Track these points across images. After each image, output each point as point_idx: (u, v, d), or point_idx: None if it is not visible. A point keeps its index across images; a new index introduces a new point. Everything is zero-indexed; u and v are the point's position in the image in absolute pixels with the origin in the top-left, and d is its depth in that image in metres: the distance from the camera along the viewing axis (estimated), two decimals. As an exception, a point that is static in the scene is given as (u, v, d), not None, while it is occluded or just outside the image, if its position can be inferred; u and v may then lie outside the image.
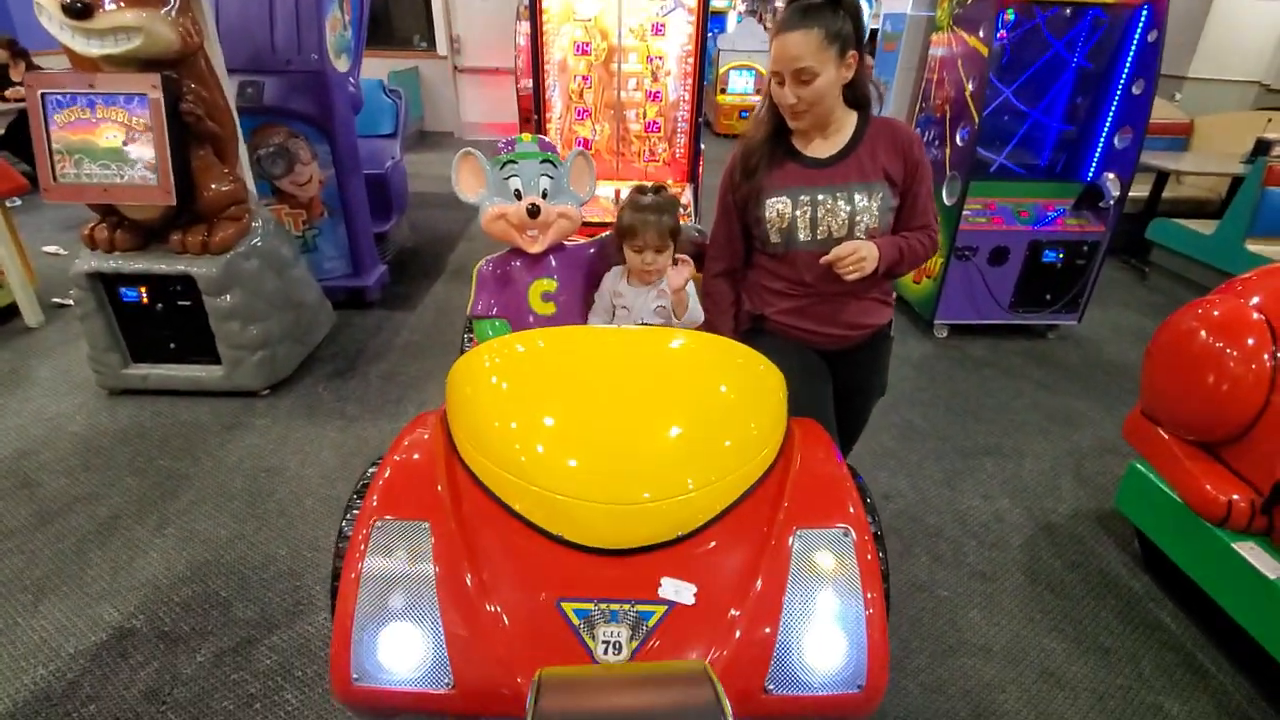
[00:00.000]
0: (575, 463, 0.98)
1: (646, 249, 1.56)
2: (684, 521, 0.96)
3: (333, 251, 3.58)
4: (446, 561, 0.92)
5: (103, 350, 2.72)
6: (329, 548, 2.08)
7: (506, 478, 0.99)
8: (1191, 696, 1.71)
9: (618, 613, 0.89)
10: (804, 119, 1.43)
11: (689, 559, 0.94)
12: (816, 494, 1.04)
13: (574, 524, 0.94)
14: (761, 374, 1.23)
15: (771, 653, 0.88)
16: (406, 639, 0.88)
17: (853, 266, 1.40)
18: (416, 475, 1.05)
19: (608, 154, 3.45)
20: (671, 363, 1.24)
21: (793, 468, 1.08)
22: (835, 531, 0.96)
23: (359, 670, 0.87)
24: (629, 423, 1.04)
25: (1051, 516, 2.33)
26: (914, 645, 1.83)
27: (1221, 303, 1.85)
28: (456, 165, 1.60)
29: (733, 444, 1.05)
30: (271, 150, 3.23)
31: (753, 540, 0.97)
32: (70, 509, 2.22)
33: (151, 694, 1.64)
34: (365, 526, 0.95)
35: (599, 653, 0.86)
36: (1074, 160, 3.45)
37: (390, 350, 3.30)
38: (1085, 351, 3.51)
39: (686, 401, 1.11)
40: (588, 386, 1.13)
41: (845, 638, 0.89)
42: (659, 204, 1.58)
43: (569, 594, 0.90)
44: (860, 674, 0.88)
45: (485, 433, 1.07)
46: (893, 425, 2.79)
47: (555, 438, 1.03)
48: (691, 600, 0.90)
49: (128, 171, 2.42)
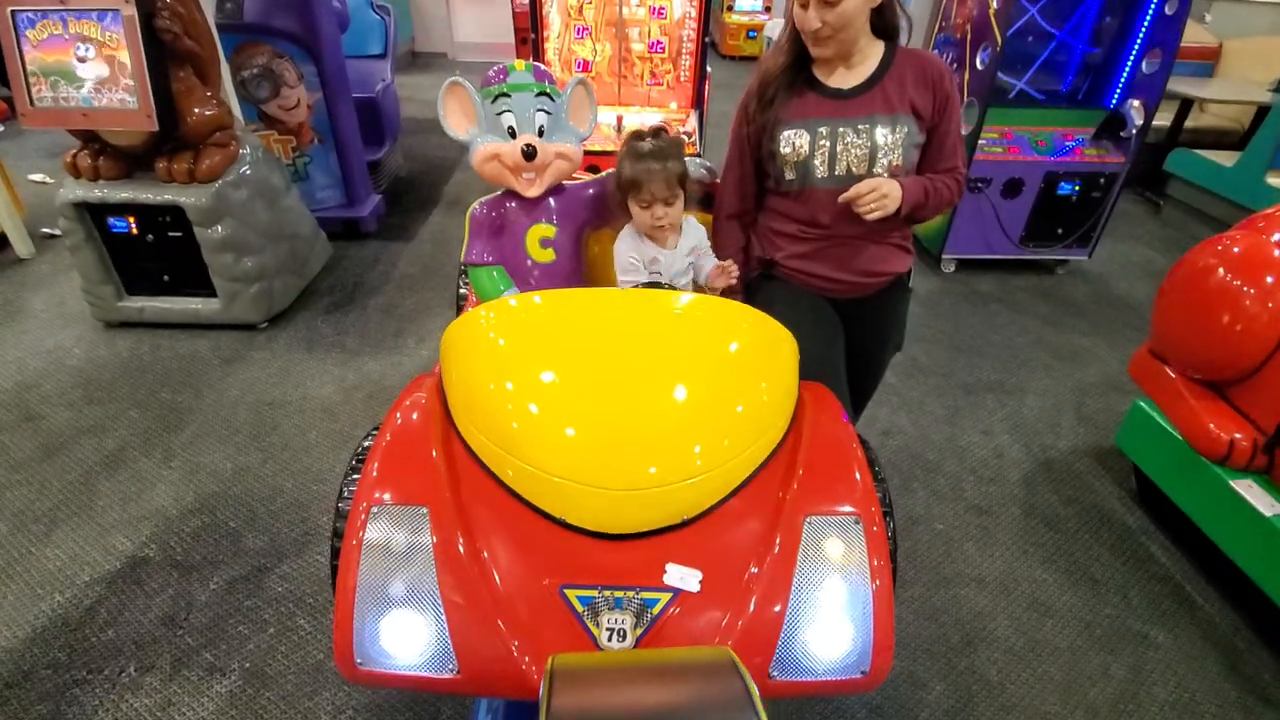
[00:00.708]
0: (577, 443, 0.94)
1: (655, 203, 1.41)
2: (692, 504, 0.93)
3: (325, 180, 3.47)
4: (446, 547, 0.90)
5: (96, 283, 2.67)
6: (334, 479, 2.11)
7: (505, 456, 0.95)
8: (1177, 625, 1.77)
9: (622, 600, 0.87)
10: (828, 46, 1.32)
11: (695, 543, 0.92)
12: (827, 472, 1.00)
13: (577, 508, 0.91)
14: (773, 341, 1.17)
15: (777, 641, 0.87)
16: (409, 626, 0.87)
17: (874, 204, 1.31)
18: (414, 453, 1.00)
19: (609, 76, 3.29)
20: (678, 330, 1.17)
21: (802, 442, 1.04)
22: (846, 519, 0.93)
23: (362, 655, 0.87)
24: (634, 399, 0.99)
25: (1050, 453, 2.35)
26: (910, 576, 1.87)
27: (1243, 239, 1.79)
28: (443, 97, 1.46)
29: (743, 421, 1.00)
30: (256, 72, 3.08)
31: (761, 523, 0.94)
32: (75, 441, 2.24)
33: (168, 619, 1.69)
34: (363, 506, 0.92)
35: (603, 640, 0.85)
36: (1097, 86, 3.29)
37: (388, 283, 3.25)
38: (1094, 287, 3.46)
39: (694, 375, 1.05)
40: (589, 359, 1.07)
41: (851, 625, 0.88)
42: (661, 150, 1.41)
43: (572, 580, 0.89)
44: (865, 660, 0.88)
45: (483, 407, 1.02)
46: (896, 362, 2.71)
47: (557, 417, 0.97)
48: (697, 587, 0.88)
49: (107, 95, 2.30)
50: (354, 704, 1.52)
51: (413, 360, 2.70)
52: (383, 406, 2.42)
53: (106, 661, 1.59)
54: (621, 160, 1.44)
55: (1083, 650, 1.70)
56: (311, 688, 1.55)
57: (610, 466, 0.91)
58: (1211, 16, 5.04)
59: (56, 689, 1.53)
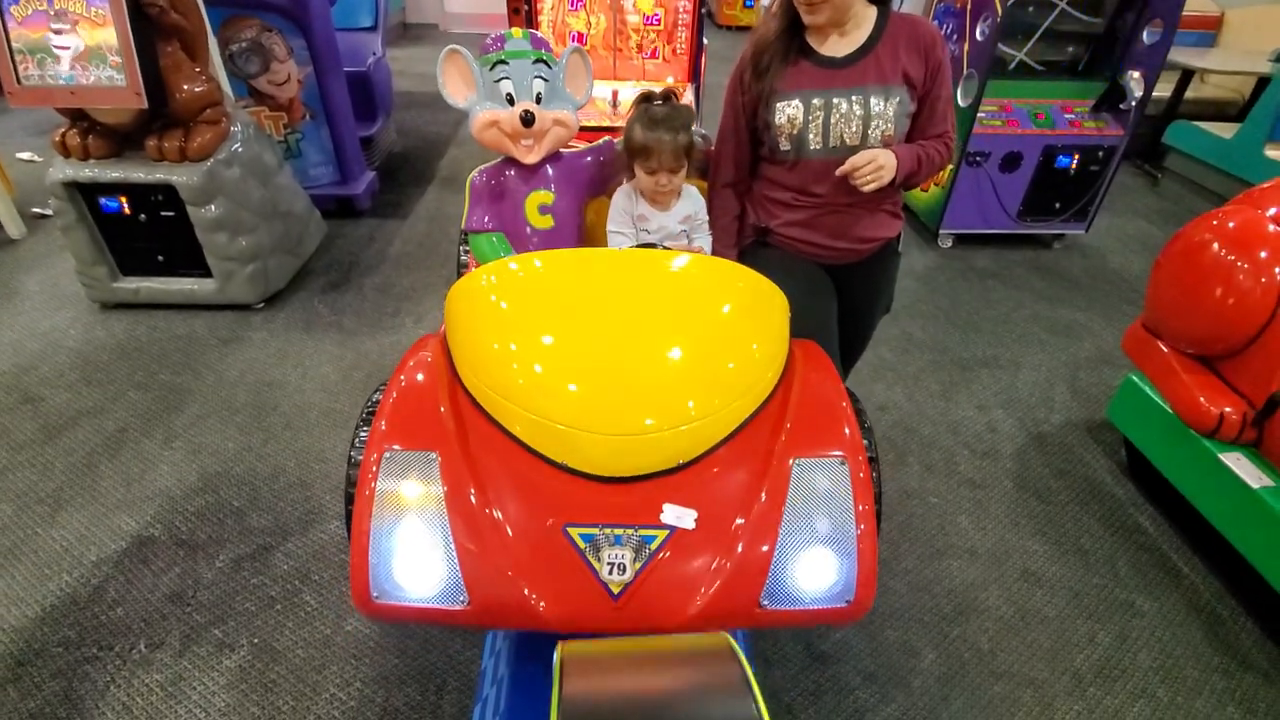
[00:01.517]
0: (578, 393, 0.98)
1: (660, 170, 1.44)
2: (686, 450, 0.97)
3: (318, 157, 3.43)
4: (455, 490, 0.94)
5: (89, 264, 2.66)
6: (336, 459, 2.13)
7: (510, 407, 0.99)
8: (1163, 594, 1.81)
9: (621, 537, 0.91)
10: (821, 11, 1.32)
11: (690, 485, 0.96)
12: (815, 421, 1.04)
13: (578, 453, 0.95)
14: (765, 299, 1.20)
15: (767, 572, 0.91)
16: (422, 562, 0.91)
17: (870, 176, 1.33)
18: (422, 404, 1.05)
19: (604, 50, 3.24)
20: (673, 286, 1.22)
21: (792, 394, 1.08)
22: (832, 461, 0.98)
23: (378, 589, 0.91)
24: (631, 350, 1.03)
25: (1043, 426, 2.38)
26: (903, 548, 1.91)
27: (1237, 213, 1.80)
28: (442, 65, 1.47)
29: (735, 372, 1.05)
30: (244, 46, 3.02)
31: (752, 467, 0.99)
32: (76, 423, 2.25)
33: (176, 597, 1.72)
34: (375, 454, 0.96)
35: (604, 573, 0.90)
36: (1098, 58, 3.25)
37: (384, 261, 3.23)
38: (1090, 262, 3.46)
39: (689, 328, 1.10)
40: (589, 312, 1.11)
41: (836, 558, 0.93)
42: (673, 120, 1.43)
43: (574, 519, 0.93)
44: (850, 589, 0.93)
45: (488, 362, 1.06)
46: (891, 338, 2.79)
47: (557, 366, 1.02)
48: (692, 525, 0.93)
49: (94, 72, 2.27)
50: (361, 676, 1.56)
51: (410, 338, 2.68)
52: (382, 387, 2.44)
53: (116, 639, 1.62)
54: (632, 123, 1.45)
55: (1071, 619, 1.74)
56: (320, 661, 1.59)
57: (609, 414, 0.95)
58: (1214, -16, 4.96)
59: (68, 666, 1.56)
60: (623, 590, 0.90)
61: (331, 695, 1.53)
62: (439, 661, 1.59)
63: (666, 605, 0.91)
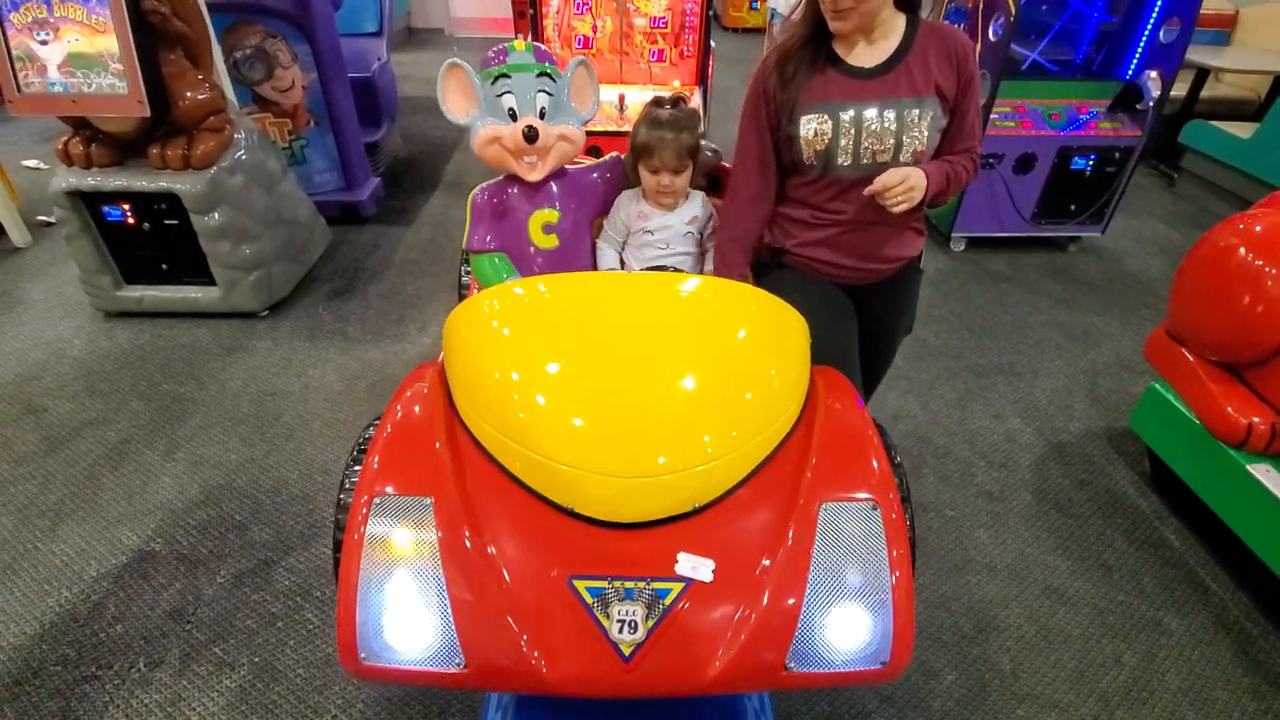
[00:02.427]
0: (584, 430, 0.91)
1: (663, 170, 1.44)
2: (702, 492, 0.90)
3: (322, 164, 3.41)
4: (451, 539, 0.87)
5: (93, 272, 2.64)
6: (339, 472, 2.07)
7: (511, 445, 0.93)
8: (1190, 611, 1.75)
9: (632, 590, 0.84)
10: (849, 18, 1.26)
11: (707, 531, 0.89)
12: (841, 459, 0.97)
13: (585, 497, 0.88)
14: (783, 323, 1.14)
15: (794, 632, 0.84)
16: (413, 620, 0.84)
17: (901, 197, 1.27)
18: (416, 443, 0.98)
19: (610, 53, 3.21)
20: (685, 312, 1.15)
21: (816, 427, 1.01)
22: (863, 506, 0.91)
23: (366, 650, 0.84)
24: (641, 384, 0.96)
25: (1062, 436, 2.32)
26: (920, 563, 1.85)
27: (1264, 217, 1.74)
28: (442, 80, 1.42)
29: (753, 406, 0.97)
30: (248, 53, 3.01)
31: (774, 511, 0.92)
32: (78, 434, 2.22)
33: (176, 613, 1.69)
34: (365, 497, 0.90)
35: (614, 632, 0.83)
36: (1113, 56, 3.19)
37: (388, 268, 3.21)
38: (1107, 264, 3.40)
39: (703, 357, 1.03)
40: (595, 343, 1.04)
41: (870, 616, 0.86)
42: (677, 120, 1.44)
43: (581, 571, 0.86)
44: (884, 651, 0.85)
45: (487, 396, 0.99)
46: (905, 344, 2.67)
47: (563, 403, 0.95)
48: (710, 577, 0.85)
49: (96, 80, 2.25)
50: (364, 698, 1.52)
51: (415, 347, 2.67)
52: (385, 396, 2.38)
53: (116, 657, 1.59)
54: (638, 125, 1.47)
55: (1095, 638, 1.68)
56: (321, 681, 1.55)
57: (618, 454, 0.89)
58: (1230, -19, 4.89)
59: (67, 685, 1.53)
60: (634, 651, 0.83)
61: (333, 717, 1.49)
62: (443, 682, 1.55)
63: (683, 667, 0.84)
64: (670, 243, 1.55)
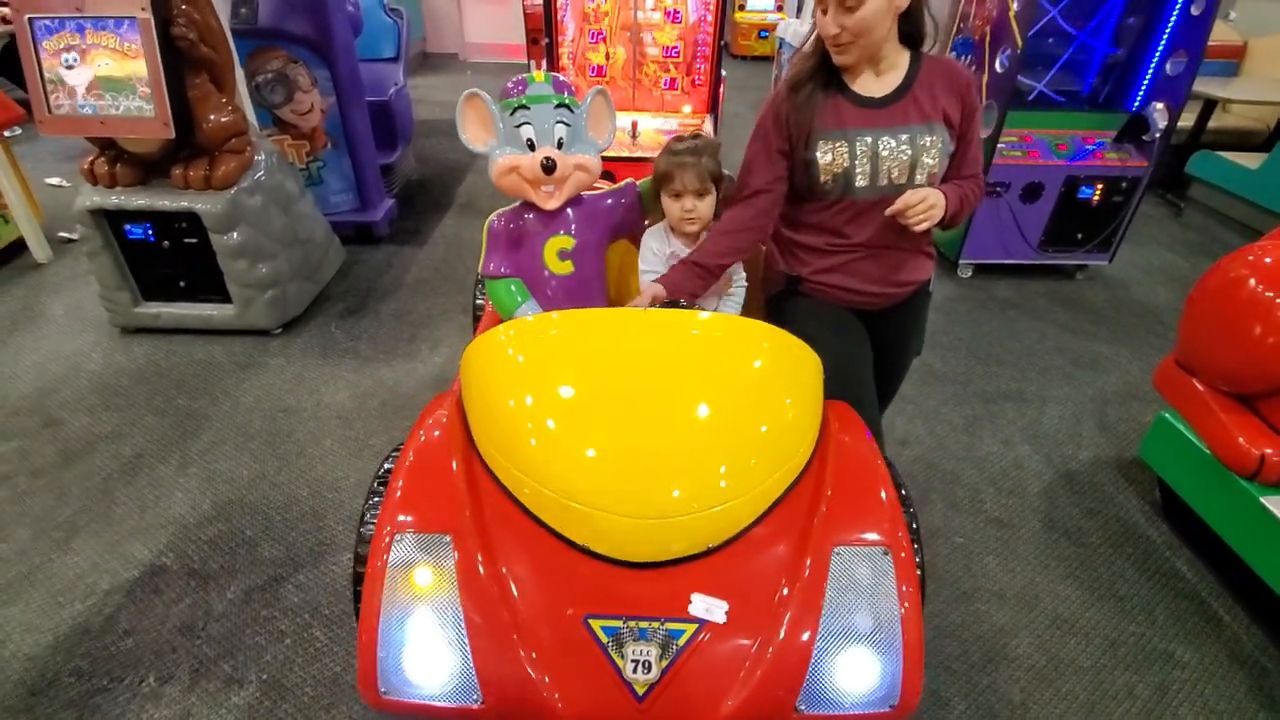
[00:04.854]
0: (601, 470, 0.93)
1: (685, 194, 1.46)
2: (716, 532, 0.92)
3: (339, 185, 3.48)
4: (469, 577, 0.89)
5: (113, 289, 2.69)
6: (349, 489, 2.11)
7: (529, 482, 0.95)
8: (1203, 644, 1.73)
9: (647, 630, 0.86)
10: (848, 53, 1.30)
11: (721, 571, 0.91)
12: (854, 498, 0.99)
13: (601, 536, 0.90)
14: (797, 360, 1.15)
15: (805, 674, 0.86)
16: (433, 656, 0.86)
17: (923, 215, 1.30)
18: (435, 477, 1.00)
19: (623, 81, 3.27)
20: (699, 351, 1.16)
21: (828, 466, 1.03)
22: (874, 550, 0.92)
23: (386, 684, 0.86)
24: (657, 423, 0.98)
25: (1071, 464, 2.31)
26: (929, 591, 1.83)
27: (1275, 249, 1.75)
28: (461, 110, 1.45)
29: (768, 446, 0.99)
30: (270, 77, 3.08)
31: (787, 551, 0.93)
32: (94, 448, 2.25)
33: (186, 629, 1.70)
34: (385, 535, 0.92)
35: (628, 672, 0.84)
36: (1119, 88, 3.23)
37: (401, 288, 3.25)
38: (1114, 293, 3.40)
39: (718, 398, 1.04)
40: (610, 382, 1.06)
41: (880, 659, 0.87)
42: (696, 146, 1.48)
43: (597, 610, 0.88)
44: (894, 694, 0.86)
45: (505, 432, 1.01)
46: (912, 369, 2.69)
47: (579, 442, 0.96)
48: (723, 618, 0.87)
49: (124, 103, 2.31)
50: (371, 717, 1.52)
51: (426, 367, 2.69)
52: (396, 414, 2.43)
53: (127, 671, 1.60)
54: (658, 159, 1.51)
55: (1107, 669, 1.67)
56: (329, 700, 1.55)
57: (633, 494, 0.90)
58: (1236, 14, 4.93)
59: (80, 697, 1.54)
60: (648, 691, 0.84)
61: (340, 737, 1.48)
62: (450, 703, 1.54)
63: (694, 709, 0.85)
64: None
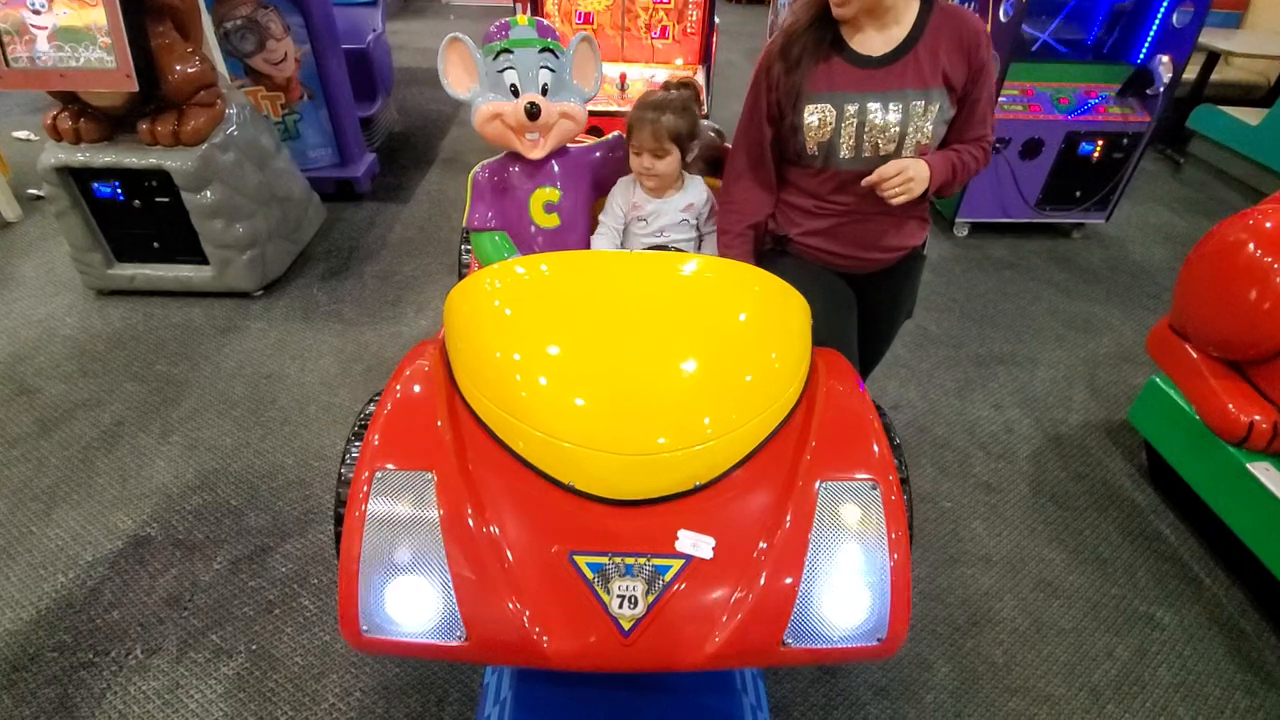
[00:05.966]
0: (586, 408, 0.92)
1: (643, 151, 1.42)
2: (703, 470, 0.91)
3: (317, 139, 3.35)
4: (453, 513, 0.88)
5: (84, 250, 2.60)
6: (335, 457, 2.08)
7: (512, 422, 0.93)
8: (1184, 606, 1.76)
9: (633, 566, 0.86)
10: (849, 4, 1.22)
11: (707, 509, 0.90)
12: (841, 439, 0.98)
13: (586, 474, 0.89)
14: (785, 304, 1.14)
15: (791, 608, 0.85)
16: (415, 593, 0.86)
17: (899, 189, 1.25)
18: (417, 419, 0.99)
19: (612, 30, 3.13)
20: (686, 291, 1.15)
21: (816, 408, 1.02)
22: (862, 485, 0.91)
23: (368, 623, 0.86)
24: (643, 361, 0.97)
25: (1061, 427, 2.31)
26: (916, 555, 1.85)
27: (1274, 213, 1.71)
28: (443, 55, 1.39)
29: (754, 384, 0.98)
30: (239, 24, 2.92)
31: (774, 490, 0.93)
32: (72, 416, 2.20)
33: (173, 600, 1.69)
34: (366, 472, 0.90)
35: (614, 607, 0.84)
36: (1124, 38, 3.13)
37: (384, 247, 3.16)
38: (1110, 252, 3.37)
39: (704, 337, 1.03)
40: (597, 320, 1.05)
41: (868, 592, 0.87)
42: (664, 103, 1.41)
43: (582, 547, 0.87)
44: (881, 627, 0.87)
45: (489, 373, 0.99)
46: (905, 332, 2.71)
47: (563, 380, 0.95)
48: (710, 554, 0.87)
49: (83, 54, 2.18)
50: (362, 686, 1.53)
51: (411, 330, 2.64)
52: (381, 380, 2.36)
53: (113, 644, 1.59)
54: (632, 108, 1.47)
55: (1088, 631, 1.70)
56: (319, 669, 1.56)
57: (619, 431, 0.89)
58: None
59: (64, 672, 1.53)
60: (634, 626, 0.84)
61: (331, 705, 1.49)
62: (440, 672, 1.55)
63: (681, 643, 0.85)
64: (665, 230, 1.53)
